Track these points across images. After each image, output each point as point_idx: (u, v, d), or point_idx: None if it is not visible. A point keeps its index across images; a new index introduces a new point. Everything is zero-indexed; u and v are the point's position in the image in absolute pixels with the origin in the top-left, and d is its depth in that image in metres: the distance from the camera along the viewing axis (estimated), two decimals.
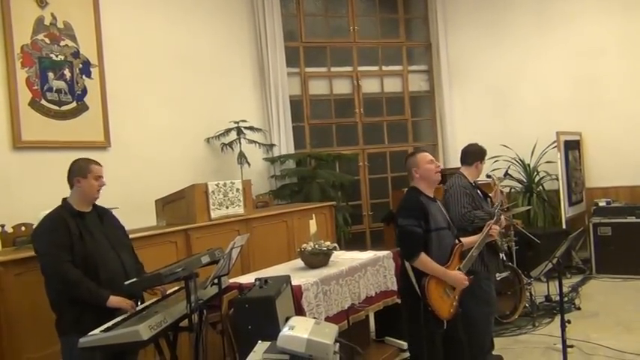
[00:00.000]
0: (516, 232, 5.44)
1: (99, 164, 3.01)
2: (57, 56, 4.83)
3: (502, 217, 3.56)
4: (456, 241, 3.24)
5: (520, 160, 7.28)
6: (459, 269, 3.18)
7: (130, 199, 4.64)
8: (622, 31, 7.04)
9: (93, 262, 2.82)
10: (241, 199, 4.71)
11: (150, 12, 5.76)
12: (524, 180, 7.27)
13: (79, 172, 2.93)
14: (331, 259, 4.09)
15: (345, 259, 4.25)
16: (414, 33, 8.30)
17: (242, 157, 6.18)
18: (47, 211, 2.93)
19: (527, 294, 5.17)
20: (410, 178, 3.26)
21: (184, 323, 2.85)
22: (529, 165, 7.28)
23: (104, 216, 3.06)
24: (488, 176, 4.28)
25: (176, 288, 3.13)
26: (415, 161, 3.21)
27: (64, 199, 2.95)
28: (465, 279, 3.16)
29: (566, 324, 3.66)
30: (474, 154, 3.99)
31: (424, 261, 3.02)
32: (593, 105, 7.17)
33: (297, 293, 3.44)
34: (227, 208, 4.58)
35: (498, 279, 4.51)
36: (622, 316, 5.07)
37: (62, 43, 4.88)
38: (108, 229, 3.02)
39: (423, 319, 2.99)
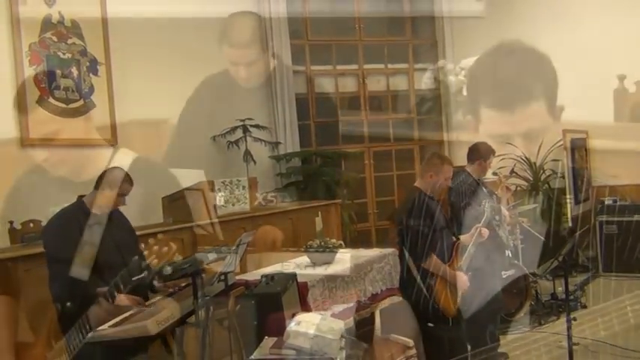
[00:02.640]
0: (522, 230, 5.43)
1: (130, 184, 3.00)
2: (64, 54, 4.86)
3: (506, 212, 3.56)
4: (454, 239, 3.26)
5: (526, 158, 7.25)
6: (460, 267, 3.20)
7: (137, 197, 4.65)
8: (630, 29, 6.99)
9: (97, 262, 2.83)
10: (247, 196, 4.73)
11: (156, 10, 5.77)
12: (530, 178, 7.24)
13: (106, 183, 2.91)
14: (337, 256, 4.09)
15: (350, 256, 4.25)
16: (420, 31, 8.28)
17: (248, 155, 6.19)
18: (56, 208, 2.95)
19: (533, 292, 5.16)
20: (420, 174, 3.28)
21: (192, 319, 2.86)
22: (535, 163, 7.25)
23: (112, 215, 3.08)
24: (495, 174, 4.28)
25: (184, 284, 3.15)
26: (439, 169, 3.22)
27: (80, 197, 2.96)
28: (467, 281, 3.17)
29: (572, 322, 3.66)
30: (476, 152, 3.99)
31: (435, 262, 3.03)
32: (600, 103, 7.13)
33: (303, 290, 3.45)
34: (233, 205, 4.60)
35: (504, 277, 4.50)
36: (628, 314, 5.05)
37: (70, 41, 4.91)
38: (115, 229, 3.03)
39: (431, 317, 3.01)
